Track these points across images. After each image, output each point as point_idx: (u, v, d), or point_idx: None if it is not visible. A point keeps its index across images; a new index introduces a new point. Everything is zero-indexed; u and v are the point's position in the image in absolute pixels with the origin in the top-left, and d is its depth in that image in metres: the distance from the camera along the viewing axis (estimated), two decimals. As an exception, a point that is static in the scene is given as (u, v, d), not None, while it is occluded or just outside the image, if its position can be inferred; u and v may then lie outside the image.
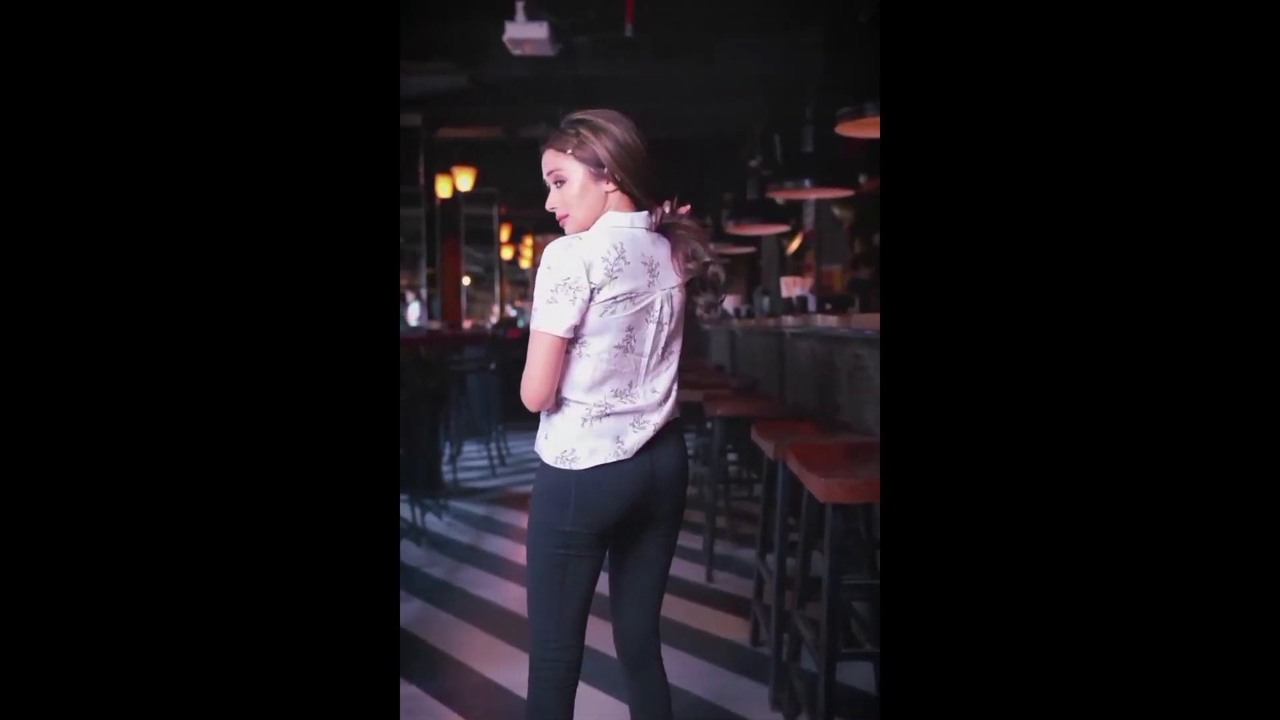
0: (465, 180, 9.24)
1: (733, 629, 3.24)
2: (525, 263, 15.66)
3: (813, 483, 2.08)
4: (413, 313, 8.86)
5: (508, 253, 14.64)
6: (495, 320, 12.83)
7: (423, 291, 8.75)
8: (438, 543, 4.50)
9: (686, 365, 4.32)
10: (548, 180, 1.68)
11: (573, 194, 1.65)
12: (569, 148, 1.64)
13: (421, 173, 8.45)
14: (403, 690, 2.70)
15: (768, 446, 2.69)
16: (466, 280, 11.67)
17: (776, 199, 6.49)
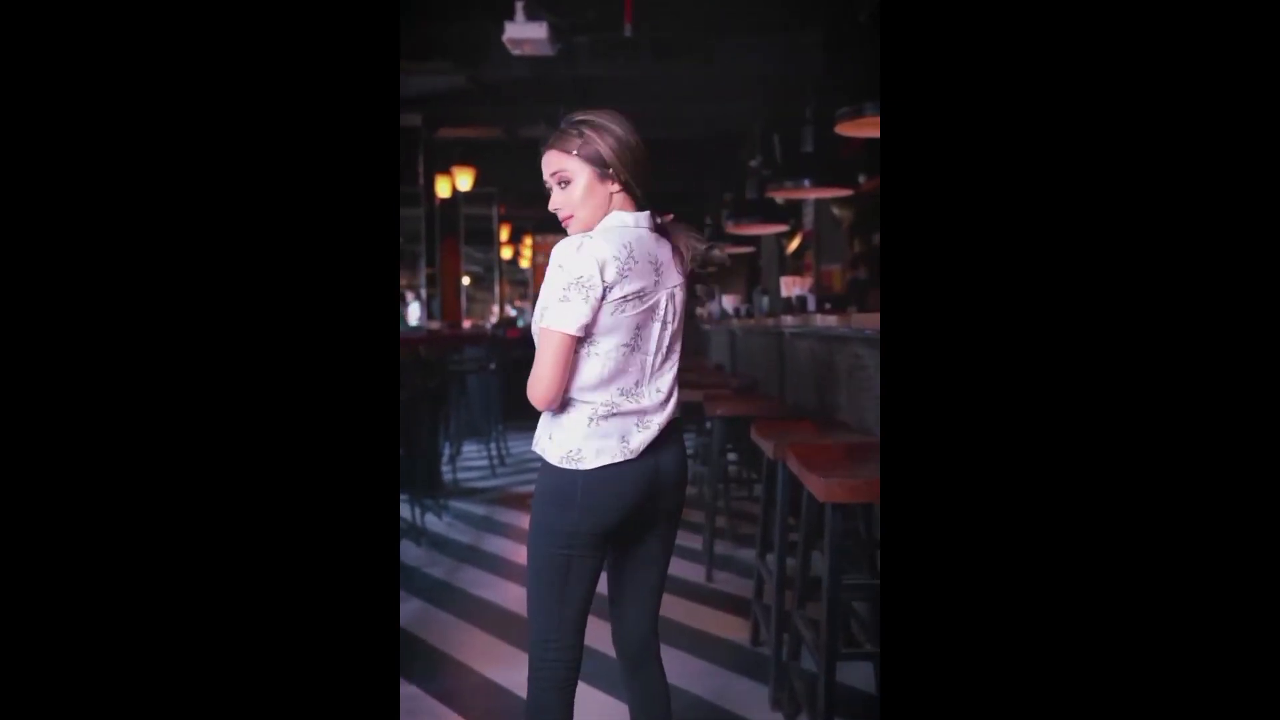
0: (465, 180, 9.24)
1: (733, 629, 3.24)
2: (525, 263, 15.66)
3: (812, 483, 2.08)
4: (412, 313, 8.86)
5: (507, 253, 14.63)
6: (495, 320, 12.81)
7: (422, 291, 8.74)
8: (438, 543, 4.50)
9: (686, 365, 4.32)
10: (550, 182, 1.66)
11: (578, 194, 1.64)
12: (573, 148, 1.63)
13: (421, 173, 8.45)
14: (403, 690, 2.70)
15: (767, 446, 2.69)
16: (466, 280, 11.66)
17: (776, 199, 6.49)
